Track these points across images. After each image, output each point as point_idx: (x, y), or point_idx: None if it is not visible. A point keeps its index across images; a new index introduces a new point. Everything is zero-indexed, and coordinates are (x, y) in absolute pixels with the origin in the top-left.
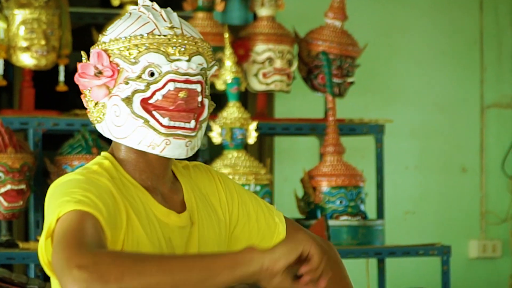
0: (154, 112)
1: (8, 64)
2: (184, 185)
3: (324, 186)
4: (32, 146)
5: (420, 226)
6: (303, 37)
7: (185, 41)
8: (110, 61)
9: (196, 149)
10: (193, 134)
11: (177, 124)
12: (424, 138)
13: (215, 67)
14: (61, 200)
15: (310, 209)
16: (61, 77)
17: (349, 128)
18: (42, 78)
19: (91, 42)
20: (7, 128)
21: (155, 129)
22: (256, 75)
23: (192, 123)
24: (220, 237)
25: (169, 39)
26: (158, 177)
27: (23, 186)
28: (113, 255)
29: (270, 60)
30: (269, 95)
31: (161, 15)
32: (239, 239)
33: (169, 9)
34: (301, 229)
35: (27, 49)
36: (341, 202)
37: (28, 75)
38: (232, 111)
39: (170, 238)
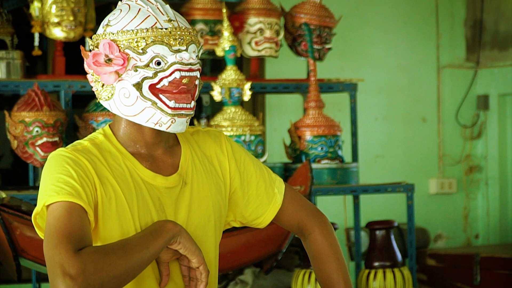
0: (160, 95)
1: (42, 37)
2: (184, 149)
3: (308, 135)
4: (64, 105)
5: (388, 167)
6: (288, 11)
7: (182, 33)
8: (120, 51)
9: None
10: (192, 112)
11: (181, 105)
12: (390, 94)
13: (202, 49)
14: (50, 187)
15: (296, 154)
16: (87, 47)
17: (327, 86)
18: (71, 48)
19: None
20: (43, 90)
21: (162, 110)
22: (249, 43)
23: (192, 104)
24: (216, 196)
25: (170, 32)
26: (150, 145)
27: (56, 139)
28: (94, 259)
29: (261, 30)
30: (260, 60)
31: (158, 8)
32: (237, 200)
33: (161, 0)
34: (294, 200)
35: (58, 24)
36: (322, 148)
37: (59, 45)
38: (230, 74)
39: (159, 197)
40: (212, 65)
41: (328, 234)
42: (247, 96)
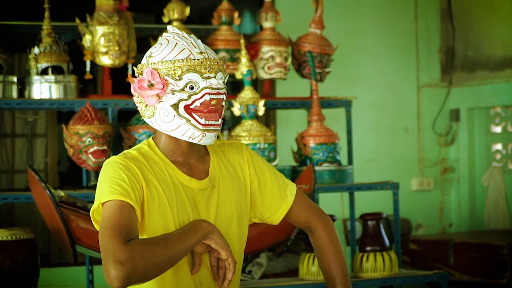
0: (193, 114)
1: (93, 63)
2: (213, 158)
3: (311, 143)
4: (111, 119)
5: (377, 169)
6: (295, 41)
7: (211, 63)
8: (161, 78)
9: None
10: (219, 128)
11: (210, 122)
12: (378, 109)
13: (227, 76)
14: (105, 188)
15: (302, 159)
16: (129, 72)
17: (327, 103)
18: (117, 72)
19: (149, 47)
20: (93, 107)
21: (195, 126)
22: (263, 68)
23: (219, 121)
24: (239, 196)
25: (201, 62)
26: (186, 154)
27: (105, 147)
28: (140, 249)
29: (272, 57)
30: (272, 82)
31: (191, 43)
32: (256, 200)
33: (193, 36)
34: (304, 203)
35: (106, 53)
36: (323, 154)
37: (107, 71)
38: (247, 93)
39: (194, 197)
40: (232, 86)
41: (330, 231)
42: (261, 111)
